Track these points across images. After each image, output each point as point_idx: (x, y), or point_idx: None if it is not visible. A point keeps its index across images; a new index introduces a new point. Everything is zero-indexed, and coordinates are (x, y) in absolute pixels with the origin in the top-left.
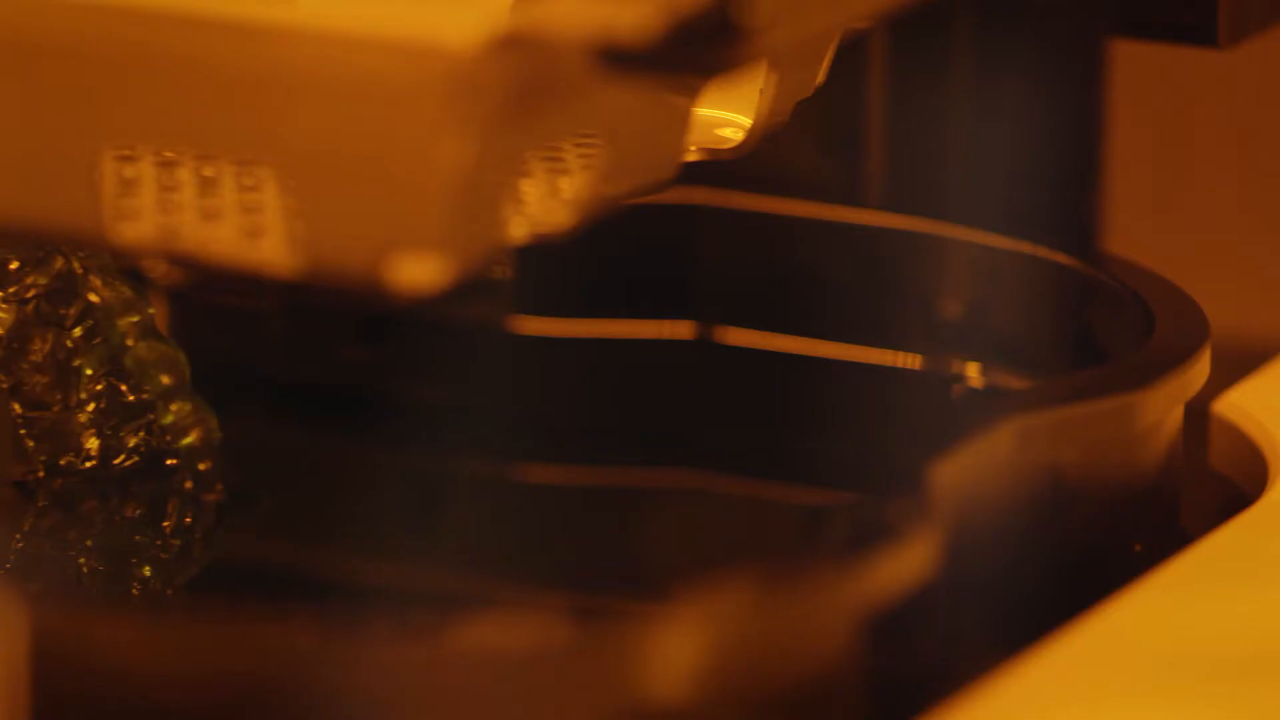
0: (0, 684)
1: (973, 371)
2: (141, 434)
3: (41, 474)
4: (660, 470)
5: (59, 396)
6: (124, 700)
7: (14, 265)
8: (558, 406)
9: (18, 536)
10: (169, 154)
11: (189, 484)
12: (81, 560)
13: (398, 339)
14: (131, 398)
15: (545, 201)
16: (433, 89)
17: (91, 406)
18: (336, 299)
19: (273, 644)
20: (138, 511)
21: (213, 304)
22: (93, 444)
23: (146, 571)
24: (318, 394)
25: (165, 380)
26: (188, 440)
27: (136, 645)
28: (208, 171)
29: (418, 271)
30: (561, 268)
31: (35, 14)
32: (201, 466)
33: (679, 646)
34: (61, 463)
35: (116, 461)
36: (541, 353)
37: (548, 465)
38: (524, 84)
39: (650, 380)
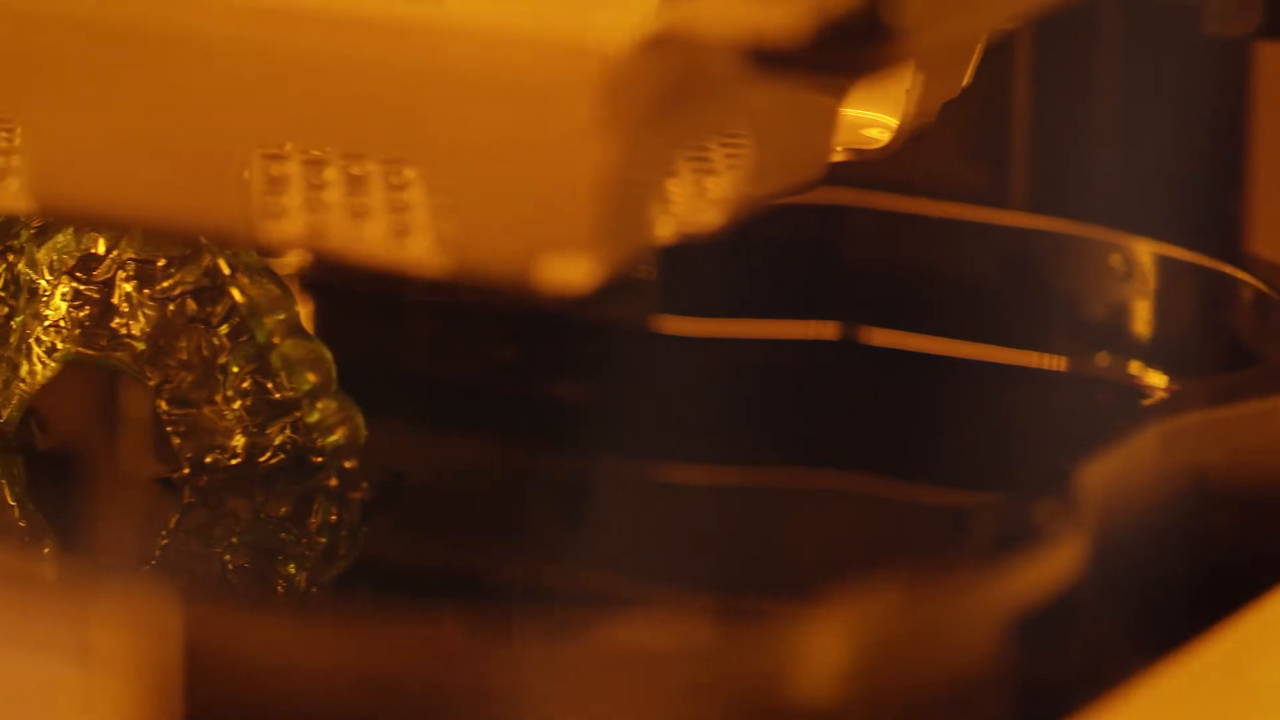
0: (152, 681)
1: (1117, 373)
2: (287, 432)
3: (187, 471)
4: (804, 470)
5: (205, 394)
6: (270, 698)
7: (161, 263)
8: (701, 406)
9: (164, 534)
10: (317, 153)
11: (334, 482)
12: (227, 557)
13: (543, 338)
14: (278, 395)
15: (692, 201)
16: (583, 88)
17: (238, 404)
18: (482, 298)
19: (417, 643)
20: (283, 509)
21: (358, 303)
22: (238, 441)
23: (291, 569)
24: (463, 393)
25: (311, 378)
26: (333, 438)
27: (281, 643)
28: (356, 170)
29: (566, 271)
30: (707, 268)
31: (187, 13)
32: (347, 464)
33: (824, 648)
34: (207, 460)
35: (262, 459)
36: (686, 353)
37: (691, 465)
38: (673, 83)
39: (794, 380)
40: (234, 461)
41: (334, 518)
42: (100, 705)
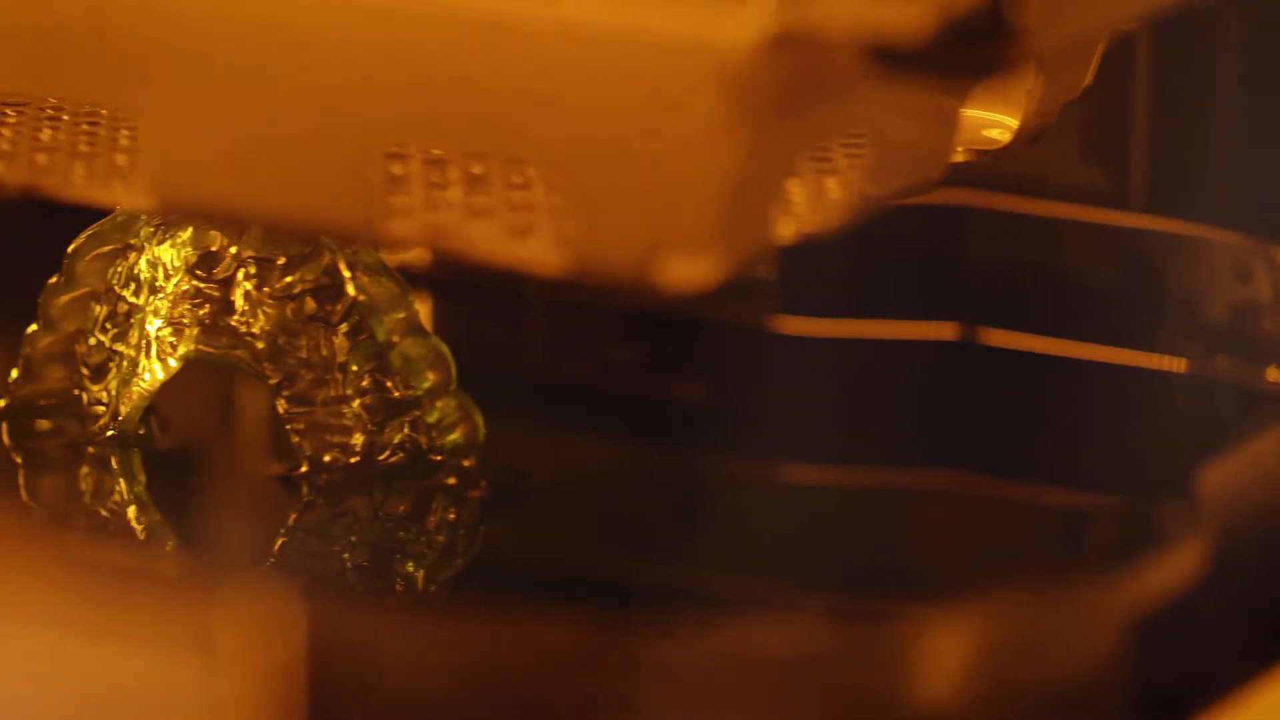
0: (273, 679)
1: (1237, 375)
2: (406, 430)
3: (306, 469)
4: (922, 471)
5: (324, 393)
6: (389, 696)
7: (281, 261)
8: (820, 407)
9: (283, 532)
10: (438, 151)
11: (453, 480)
12: (345, 556)
13: (662, 338)
14: (397, 394)
15: (812, 201)
16: (705, 87)
17: (357, 403)
18: (601, 298)
19: (535, 643)
20: (402, 508)
21: (478, 301)
22: (357, 440)
23: (410, 568)
24: (581, 392)
25: (431, 377)
26: (452, 437)
27: (400, 642)
28: (476, 169)
29: (686, 270)
30: (826, 268)
31: (312, 13)
32: (466, 463)
33: (944, 650)
34: (326, 458)
35: (381, 458)
36: (804, 353)
37: (810, 465)
38: (795, 82)
39: (912, 381)
40: (353, 460)
41: (452, 516)
42: (222, 703)
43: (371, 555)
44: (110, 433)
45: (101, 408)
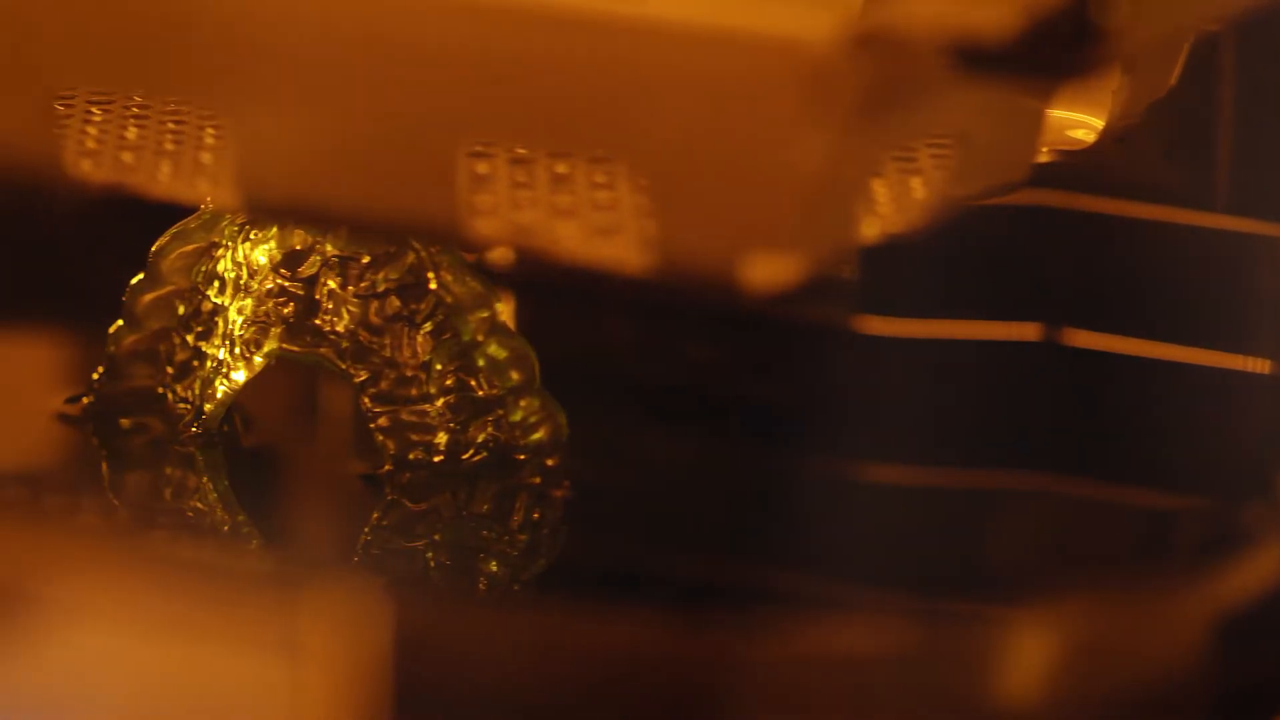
0: (358, 676)
1: None
2: (490, 430)
3: (390, 468)
4: (1005, 472)
5: (409, 392)
6: (472, 694)
7: (366, 260)
8: (902, 407)
9: (366, 530)
10: (522, 151)
11: (537, 479)
12: (429, 555)
13: (744, 338)
14: (481, 393)
15: (897, 201)
16: (790, 86)
17: (441, 402)
18: (684, 297)
19: (617, 642)
20: (485, 507)
21: (561, 300)
22: (441, 439)
23: (493, 567)
24: (664, 392)
25: (515, 376)
26: (536, 436)
27: (484, 640)
28: (560, 168)
29: (770, 270)
30: (909, 268)
31: (397, 13)
32: (549, 462)
33: (1029, 651)
34: (410, 457)
35: (464, 457)
36: (887, 353)
37: (892, 466)
38: (880, 82)
39: (995, 381)
40: (437, 459)
41: (536, 516)
42: (308, 700)
43: (454, 554)
44: (194, 431)
45: (185, 406)
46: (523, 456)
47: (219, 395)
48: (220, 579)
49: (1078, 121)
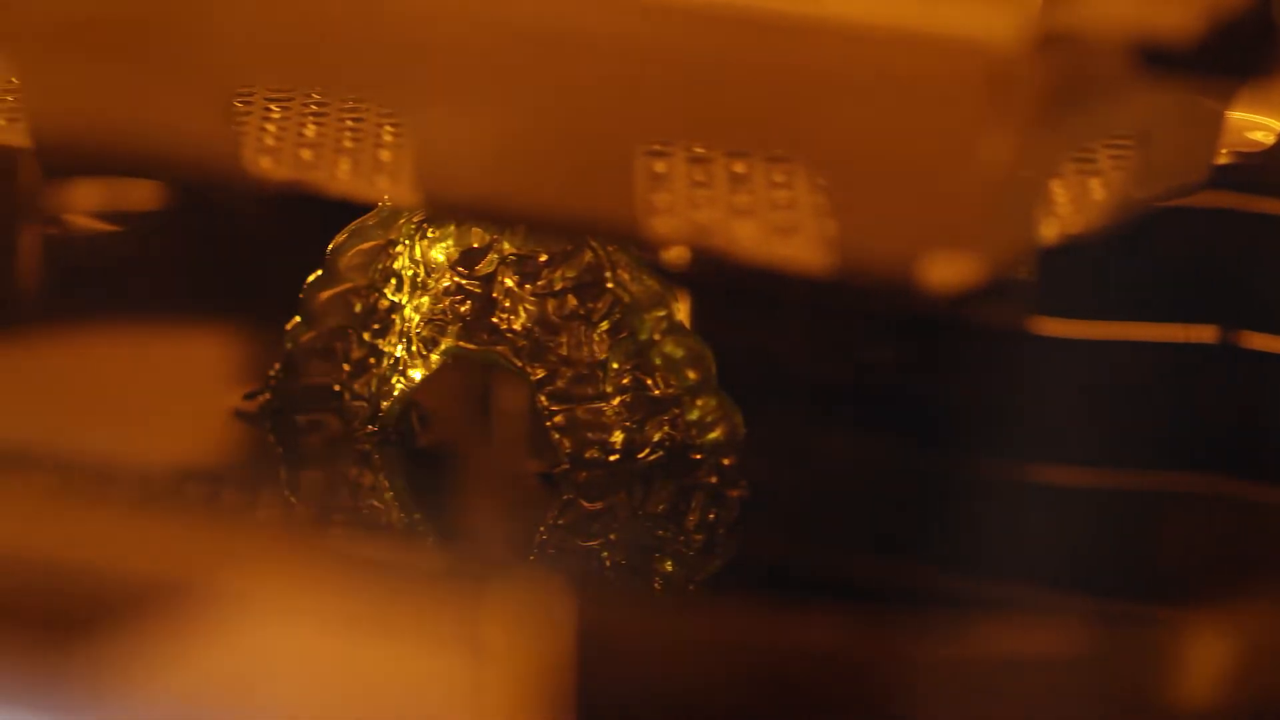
0: (539, 674)
1: None
2: (666, 429)
3: (566, 467)
4: (1180, 474)
5: (585, 390)
6: (650, 693)
7: (543, 258)
8: (1076, 408)
9: (542, 529)
10: (700, 150)
11: (714, 479)
12: (605, 554)
13: (919, 340)
14: (657, 392)
15: (1076, 202)
16: (972, 86)
17: (617, 400)
18: (858, 299)
19: (793, 643)
20: (661, 506)
21: (735, 302)
22: (617, 437)
23: (669, 567)
24: (838, 392)
25: (691, 375)
26: (712, 436)
27: (661, 639)
28: (738, 168)
29: (950, 271)
30: (1084, 270)
31: (577, 12)
32: (725, 462)
33: (1204, 654)
34: (586, 456)
35: (641, 456)
36: (1061, 354)
37: (1065, 467)
38: (1062, 83)
39: (1171, 384)
40: (613, 458)
41: (711, 516)
42: (490, 698)
43: (630, 553)
44: (370, 429)
45: (361, 403)
46: (699, 456)
47: (395, 392)
48: (398, 576)
49: (1257, 123)
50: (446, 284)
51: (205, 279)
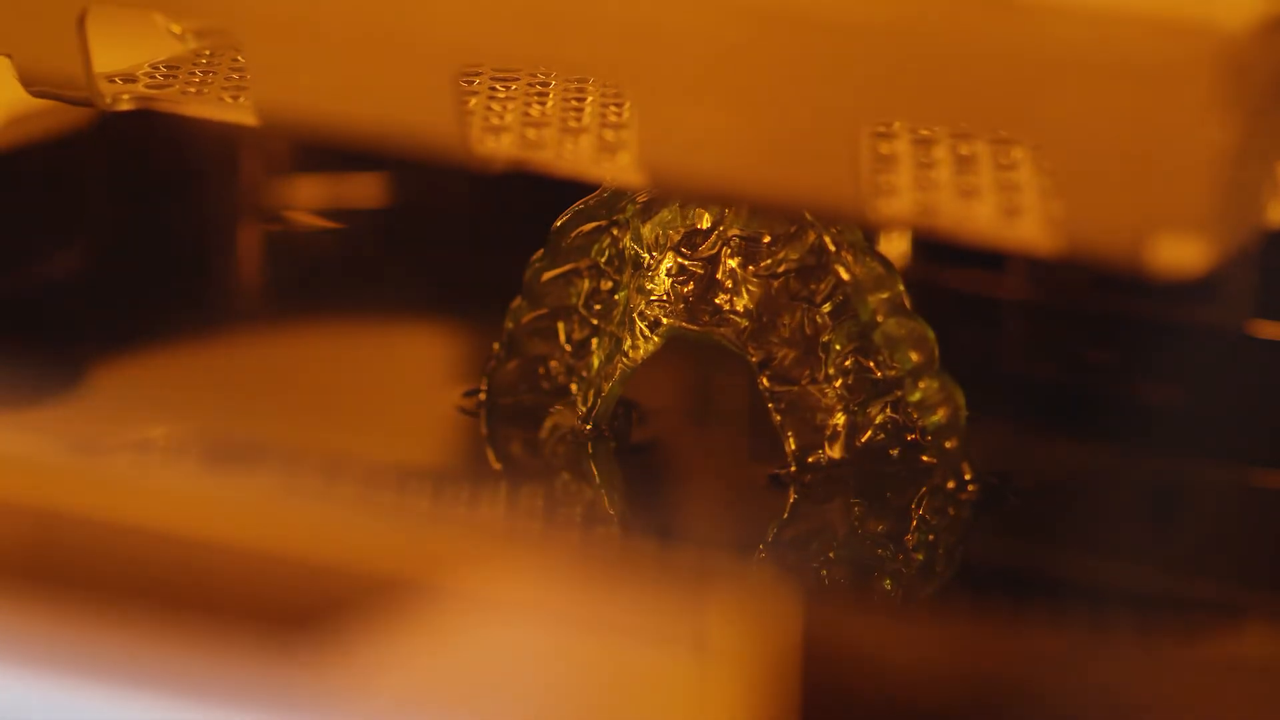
0: (765, 674)
1: None
2: (888, 411)
3: (794, 469)
4: None
5: (807, 372)
6: (874, 694)
7: (767, 240)
8: None
9: (769, 530)
10: (926, 131)
11: (951, 484)
12: (831, 554)
13: (1137, 340)
14: (879, 374)
15: None
16: (1202, 68)
17: (839, 382)
18: (1078, 299)
19: (1020, 645)
20: (887, 510)
21: (957, 293)
22: (839, 419)
23: (896, 569)
24: (1057, 393)
25: (914, 357)
26: (935, 418)
27: (887, 641)
28: (964, 149)
29: (1178, 253)
30: None
31: None
32: (948, 445)
33: None
34: (809, 460)
35: (863, 438)
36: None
37: None
38: None
39: None
40: (835, 452)
41: (936, 520)
42: (715, 697)
43: (857, 554)
44: (591, 413)
45: (583, 383)
46: (921, 437)
47: (618, 372)
48: (624, 573)
49: None
50: (669, 265)
51: (425, 276)
